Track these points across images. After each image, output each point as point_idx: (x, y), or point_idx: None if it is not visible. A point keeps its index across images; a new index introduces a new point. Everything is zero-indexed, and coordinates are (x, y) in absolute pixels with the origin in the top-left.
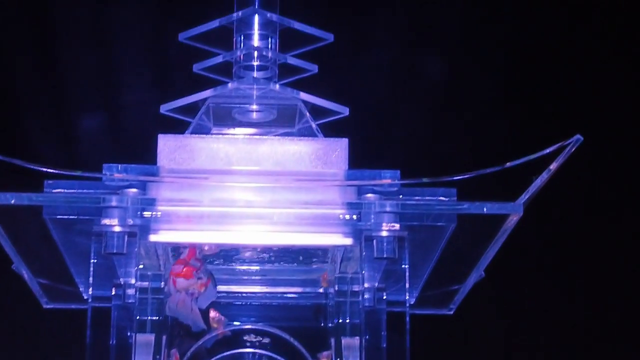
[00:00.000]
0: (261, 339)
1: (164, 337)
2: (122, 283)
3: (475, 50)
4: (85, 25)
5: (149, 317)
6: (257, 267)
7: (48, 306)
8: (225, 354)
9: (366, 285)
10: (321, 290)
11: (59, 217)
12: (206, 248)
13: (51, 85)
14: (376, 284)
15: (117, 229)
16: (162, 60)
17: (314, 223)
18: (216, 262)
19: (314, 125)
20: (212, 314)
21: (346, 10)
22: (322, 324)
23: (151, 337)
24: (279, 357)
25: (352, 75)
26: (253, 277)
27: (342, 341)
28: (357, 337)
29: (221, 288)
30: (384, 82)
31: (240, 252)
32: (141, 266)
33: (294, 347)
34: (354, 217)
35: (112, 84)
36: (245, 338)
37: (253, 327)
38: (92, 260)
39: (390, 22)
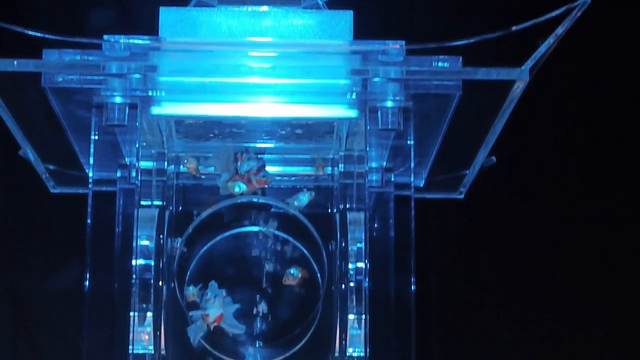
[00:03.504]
0: (267, 216)
1: (167, 213)
2: (128, 164)
3: None
4: None
5: (153, 202)
6: (263, 145)
7: (55, 190)
8: (228, 232)
9: (373, 165)
10: (320, 172)
11: (58, 85)
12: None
13: None
14: (384, 164)
15: (118, 99)
16: None
17: (317, 93)
18: (218, 140)
19: (320, 2)
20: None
21: None
22: (329, 210)
23: (154, 213)
24: (286, 236)
25: None
26: (258, 156)
27: (348, 215)
28: (363, 212)
29: None
30: None
31: (242, 128)
32: (144, 144)
33: (303, 227)
34: (359, 86)
35: None
36: (249, 215)
37: (257, 202)
38: (93, 137)
39: None
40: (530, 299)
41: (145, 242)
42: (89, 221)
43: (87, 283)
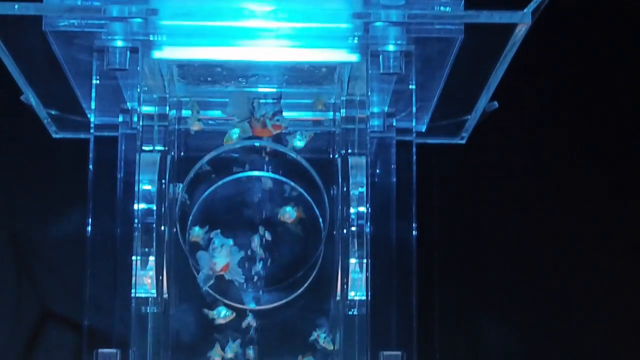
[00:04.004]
0: (269, 161)
1: (169, 158)
2: (130, 108)
3: None
4: None
5: (155, 147)
6: (265, 89)
7: (57, 135)
8: (230, 177)
9: (374, 109)
10: (320, 107)
11: (59, 29)
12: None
13: None
14: (385, 109)
15: (119, 43)
16: None
17: (319, 37)
18: (220, 84)
19: None
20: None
21: None
22: (331, 156)
23: (156, 158)
24: (288, 181)
25: None
26: (260, 101)
27: (350, 160)
28: (364, 157)
29: None
30: None
31: (244, 72)
32: (145, 88)
33: (305, 171)
34: (360, 30)
35: None
36: (251, 160)
37: (259, 146)
38: (94, 81)
39: None
40: (534, 241)
41: (147, 187)
42: (90, 166)
43: (89, 228)
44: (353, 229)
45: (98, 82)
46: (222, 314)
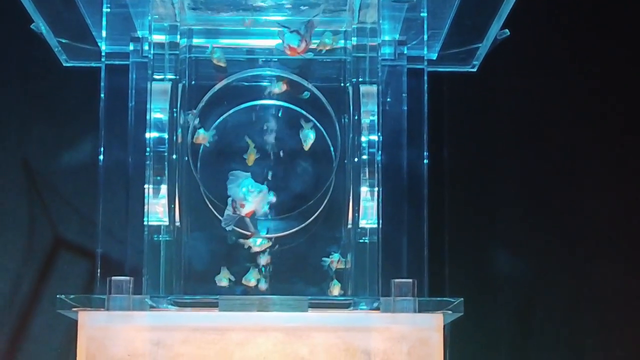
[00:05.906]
0: (281, 89)
1: (180, 87)
2: (141, 37)
3: None
4: None
5: (166, 75)
6: (274, 17)
7: (68, 64)
8: (241, 105)
9: (386, 38)
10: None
11: None
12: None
13: None
14: (397, 37)
15: None
16: None
17: None
18: (231, 12)
19: None
20: None
21: None
22: (342, 84)
23: (167, 86)
24: (299, 109)
25: None
26: (270, 28)
27: (361, 88)
28: (376, 85)
29: (238, 42)
30: None
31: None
32: (156, 16)
33: (316, 100)
34: None
35: None
36: (263, 88)
37: (270, 74)
38: (105, 9)
39: None
40: (544, 169)
41: (159, 115)
42: (102, 95)
43: (101, 157)
44: (364, 157)
45: (109, 10)
46: (257, 243)
